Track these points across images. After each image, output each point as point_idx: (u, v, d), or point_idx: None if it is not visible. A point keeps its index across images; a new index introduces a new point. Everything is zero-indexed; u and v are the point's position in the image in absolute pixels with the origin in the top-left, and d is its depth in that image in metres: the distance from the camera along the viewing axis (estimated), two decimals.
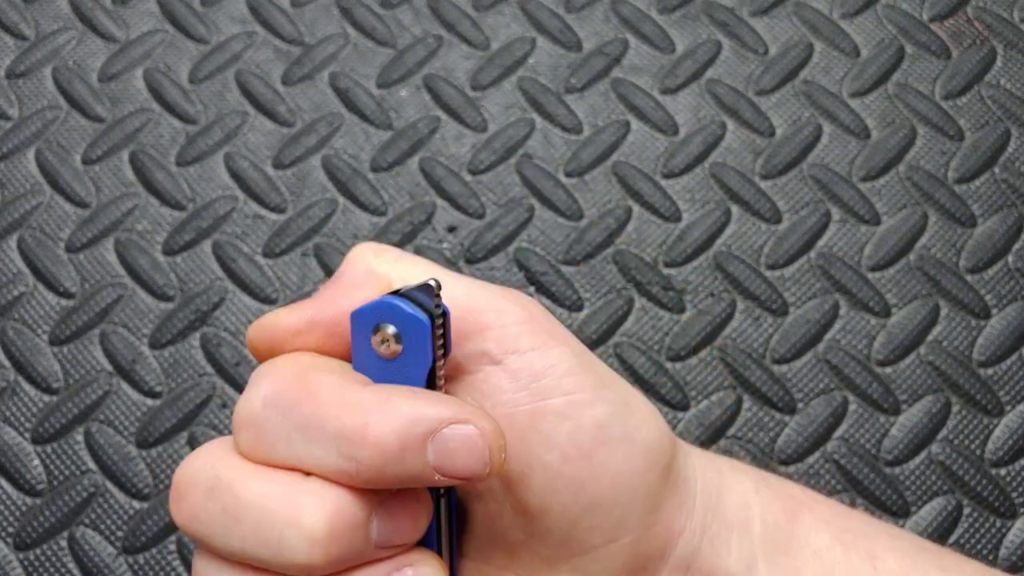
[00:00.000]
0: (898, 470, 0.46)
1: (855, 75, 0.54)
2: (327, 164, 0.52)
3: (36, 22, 0.56)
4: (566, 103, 0.53)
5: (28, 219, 0.51)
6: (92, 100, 0.54)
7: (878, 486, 0.46)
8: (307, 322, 0.27)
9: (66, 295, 0.49)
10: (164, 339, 0.49)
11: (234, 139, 0.53)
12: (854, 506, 0.45)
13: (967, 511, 0.46)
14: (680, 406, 0.47)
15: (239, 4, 0.56)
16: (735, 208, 0.51)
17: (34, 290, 0.50)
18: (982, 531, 0.45)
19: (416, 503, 0.26)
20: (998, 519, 0.45)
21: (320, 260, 0.50)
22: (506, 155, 0.52)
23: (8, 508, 0.46)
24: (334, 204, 0.51)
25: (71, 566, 0.45)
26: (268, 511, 0.25)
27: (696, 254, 0.50)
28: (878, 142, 0.52)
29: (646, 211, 0.51)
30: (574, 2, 0.56)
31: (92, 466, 0.46)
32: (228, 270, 0.50)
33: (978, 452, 0.47)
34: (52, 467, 0.46)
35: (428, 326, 0.26)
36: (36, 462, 0.47)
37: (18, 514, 0.46)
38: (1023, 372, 0.48)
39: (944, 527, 0.45)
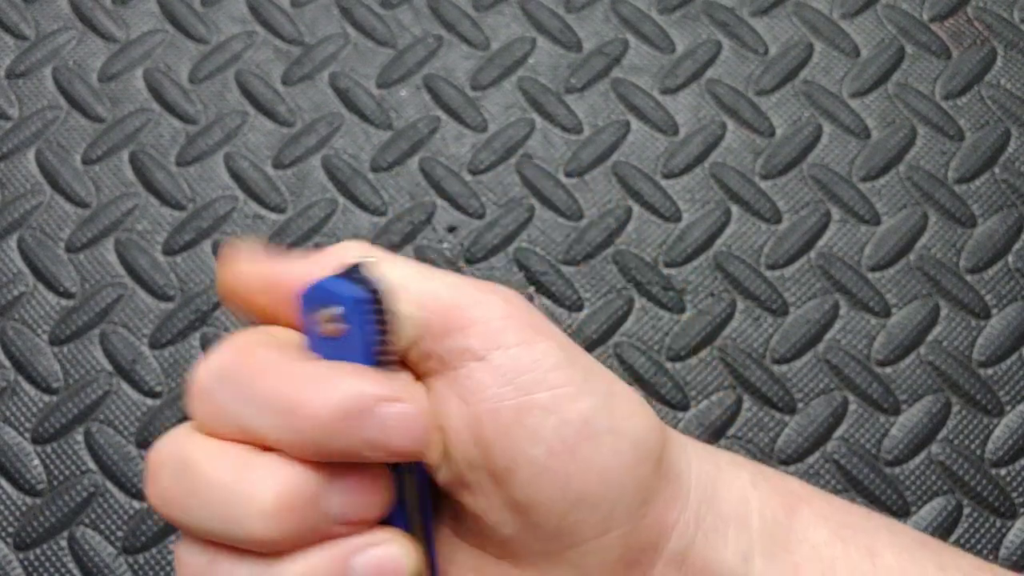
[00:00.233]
0: (898, 470, 0.46)
1: (855, 75, 0.54)
2: (327, 164, 0.52)
3: (36, 22, 0.56)
4: (566, 103, 0.53)
5: (28, 219, 0.51)
6: (92, 100, 0.54)
7: (878, 486, 0.46)
8: (265, 284, 0.28)
9: (66, 295, 0.49)
10: (164, 339, 0.49)
11: (234, 139, 0.53)
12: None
13: (967, 511, 0.46)
14: (680, 406, 0.47)
15: (239, 4, 0.56)
16: (735, 208, 0.51)
17: (34, 290, 0.50)
18: (982, 531, 0.45)
19: (375, 477, 0.26)
20: (998, 519, 0.45)
21: None
22: (506, 155, 0.52)
23: (8, 508, 0.46)
24: (334, 204, 0.51)
25: (71, 566, 0.45)
26: (224, 486, 0.25)
27: (696, 254, 0.50)
28: (878, 142, 0.52)
29: (646, 211, 0.51)
30: (574, 2, 0.56)
31: (92, 466, 0.46)
32: None
33: (978, 452, 0.47)
34: (52, 467, 0.46)
35: (367, 303, 0.26)
36: (36, 462, 0.47)
37: (18, 514, 0.46)
38: (1023, 372, 0.48)
39: (944, 527, 0.45)
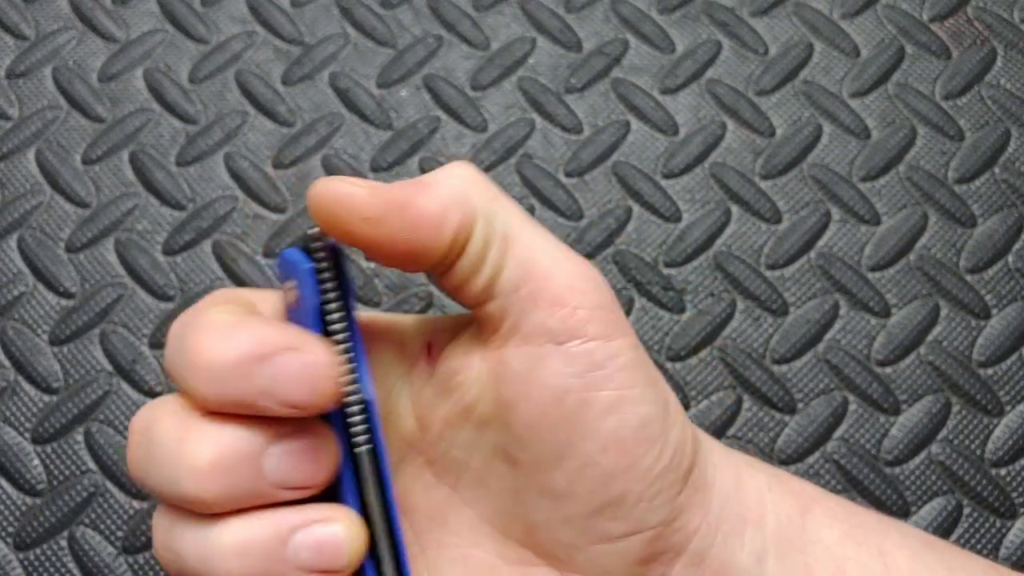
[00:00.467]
0: (898, 470, 0.46)
1: (855, 75, 0.54)
2: (327, 164, 0.52)
3: (36, 22, 0.56)
4: (566, 103, 0.53)
5: (28, 219, 0.51)
6: (92, 100, 0.54)
7: (878, 486, 0.46)
8: (381, 211, 0.27)
9: (66, 295, 0.49)
10: (164, 339, 0.49)
11: (234, 139, 0.53)
12: None
13: (967, 511, 0.46)
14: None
15: (239, 4, 0.56)
16: (735, 208, 0.51)
17: (34, 290, 0.50)
18: (982, 531, 0.45)
19: (316, 440, 0.26)
20: (998, 519, 0.45)
21: None
22: (506, 155, 0.52)
23: (8, 508, 0.46)
24: None
25: (71, 566, 0.45)
26: (167, 445, 0.25)
27: (696, 254, 0.50)
28: (878, 142, 0.52)
29: (646, 211, 0.51)
30: (574, 2, 0.56)
31: (92, 466, 0.46)
32: (228, 270, 0.50)
33: (978, 452, 0.47)
34: (52, 467, 0.46)
35: (309, 272, 0.26)
36: (36, 462, 0.47)
37: (18, 514, 0.46)
38: (1023, 372, 0.48)
39: (944, 527, 0.45)
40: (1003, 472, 0.46)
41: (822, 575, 0.29)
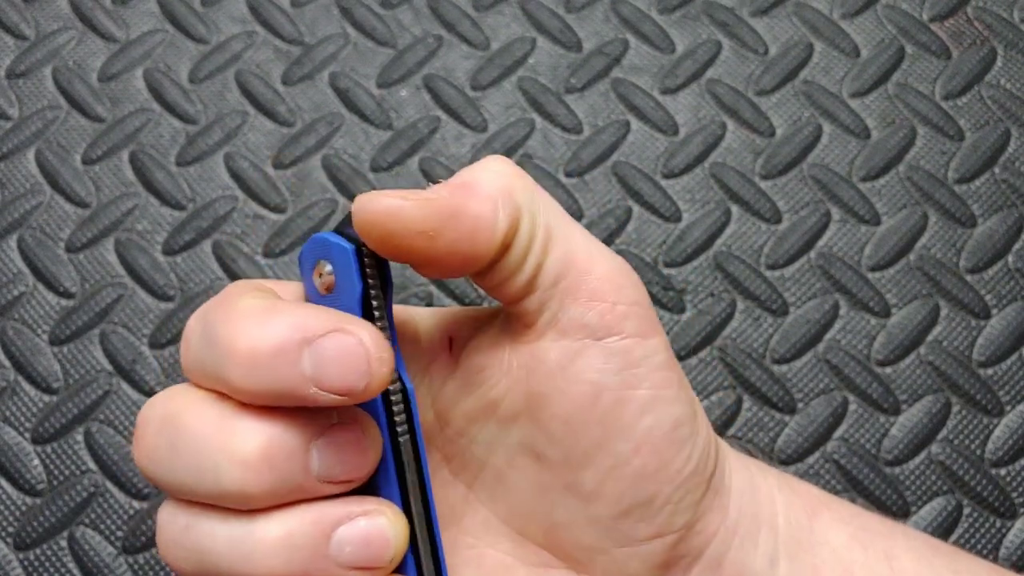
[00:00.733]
0: (898, 470, 0.46)
1: (855, 75, 0.54)
2: (327, 164, 0.52)
3: (36, 22, 0.56)
4: (566, 103, 0.53)
5: (28, 219, 0.51)
6: (92, 100, 0.54)
7: (878, 486, 0.46)
8: (436, 226, 0.25)
9: (66, 295, 0.49)
10: (164, 339, 0.49)
11: (234, 139, 0.53)
12: None
13: (967, 511, 0.46)
14: None
15: (239, 4, 0.56)
16: (735, 208, 0.51)
17: (34, 290, 0.50)
18: (982, 531, 0.45)
19: (362, 434, 0.25)
20: (998, 519, 0.45)
21: None
22: (506, 155, 0.52)
23: (8, 508, 0.46)
24: (334, 204, 0.51)
25: (71, 566, 0.45)
26: (204, 438, 0.24)
27: (696, 254, 0.50)
28: (878, 142, 0.52)
29: (646, 211, 0.51)
30: (574, 2, 0.56)
31: (92, 466, 0.46)
32: (228, 270, 0.50)
33: (978, 452, 0.47)
34: (52, 467, 0.46)
35: (352, 253, 0.25)
36: (36, 462, 0.47)
37: (18, 514, 0.46)
38: (1023, 372, 0.48)
39: (944, 527, 0.45)
40: (1003, 472, 0.46)
41: None
